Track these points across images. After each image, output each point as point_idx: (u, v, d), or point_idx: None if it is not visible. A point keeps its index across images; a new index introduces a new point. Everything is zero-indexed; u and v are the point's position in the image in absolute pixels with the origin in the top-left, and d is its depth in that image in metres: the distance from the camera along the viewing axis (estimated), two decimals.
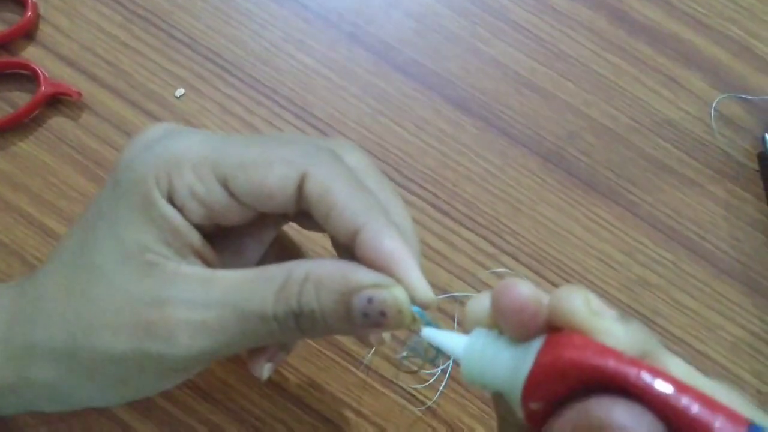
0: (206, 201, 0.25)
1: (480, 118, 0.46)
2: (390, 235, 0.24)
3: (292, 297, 0.24)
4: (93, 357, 0.26)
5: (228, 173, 0.25)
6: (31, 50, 0.44)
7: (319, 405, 0.38)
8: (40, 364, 0.27)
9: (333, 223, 0.25)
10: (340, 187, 0.25)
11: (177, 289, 0.25)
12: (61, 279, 0.27)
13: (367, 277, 0.24)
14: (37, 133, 0.42)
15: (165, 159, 0.25)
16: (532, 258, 0.43)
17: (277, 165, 0.25)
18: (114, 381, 0.27)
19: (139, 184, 0.25)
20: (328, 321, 0.24)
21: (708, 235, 0.44)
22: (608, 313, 0.21)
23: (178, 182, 0.25)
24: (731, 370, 0.41)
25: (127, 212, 0.26)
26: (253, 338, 0.26)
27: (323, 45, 0.46)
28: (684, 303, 0.43)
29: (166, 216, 0.25)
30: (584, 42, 0.49)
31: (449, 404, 0.39)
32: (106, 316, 0.25)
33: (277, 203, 0.25)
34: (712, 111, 0.47)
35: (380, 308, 0.24)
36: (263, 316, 0.24)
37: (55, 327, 0.26)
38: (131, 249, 0.25)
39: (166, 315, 0.25)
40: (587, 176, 0.45)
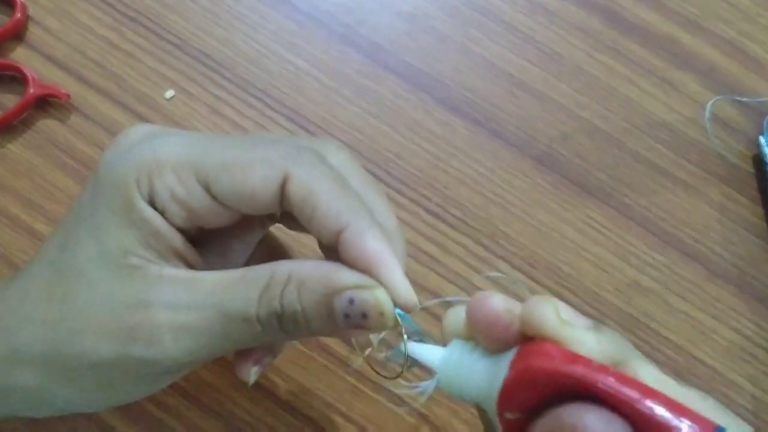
0: (187, 204, 0.25)
1: (471, 120, 0.45)
2: (373, 236, 0.24)
3: (275, 298, 0.24)
4: (75, 363, 0.25)
5: (209, 175, 0.25)
6: (19, 51, 0.44)
7: (308, 410, 0.38)
8: (22, 370, 0.26)
9: (316, 225, 0.25)
10: (322, 188, 0.25)
11: (160, 292, 0.25)
12: (43, 282, 0.27)
13: (349, 278, 0.24)
14: (26, 135, 0.42)
15: (146, 161, 0.25)
16: (525, 261, 0.42)
17: (259, 166, 0.25)
18: (98, 386, 0.27)
19: (120, 187, 0.25)
20: (311, 322, 0.24)
21: (702, 238, 0.44)
22: (579, 322, 0.21)
23: (159, 185, 0.25)
24: (725, 375, 0.41)
25: (108, 215, 0.25)
26: (238, 340, 0.25)
27: (314, 47, 0.46)
28: (677, 306, 0.42)
29: (147, 219, 0.25)
30: (577, 43, 0.48)
31: (441, 409, 0.38)
32: (88, 320, 0.25)
33: (260, 205, 0.25)
34: (706, 113, 0.47)
35: (361, 309, 0.24)
36: (247, 318, 0.24)
37: (36, 332, 0.26)
38: (113, 252, 0.25)
39: (149, 318, 0.24)
40: (580, 178, 0.45)
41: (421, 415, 0.38)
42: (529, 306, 0.22)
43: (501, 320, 0.22)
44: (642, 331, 0.41)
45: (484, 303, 0.22)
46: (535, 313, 0.21)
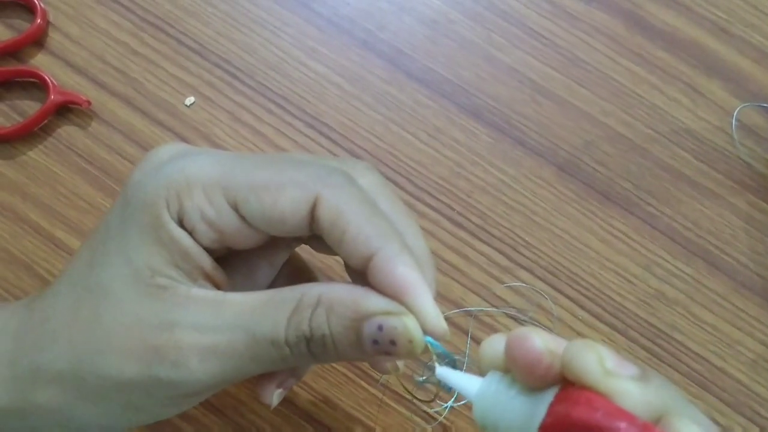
0: (216, 224, 0.25)
1: (494, 127, 0.45)
2: (404, 262, 0.24)
3: (304, 321, 0.24)
4: (99, 383, 0.25)
5: (239, 197, 0.25)
6: (40, 58, 0.43)
7: (331, 421, 0.38)
8: (46, 388, 0.26)
9: (346, 248, 0.24)
10: (353, 211, 0.24)
11: (187, 313, 0.25)
12: (70, 300, 0.26)
13: (379, 304, 0.24)
14: (47, 142, 0.42)
15: (175, 180, 0.25)
16: (548, 271, 0.42)
17: (289, 188, 0.25)
18: (122, 407, 0.26)
19: (149, 206, 0.25)
20: (339, 347, 0.24)
21: (728, 248, 0.43)
22: (625, 371, 0.21)
23: (189, 204, 0.25)
24: (751, 387, 0.40)
25: (136, 234, 0.25)
26: (265, 363, 0.25)
27: (335, 52, 0.46)
28: (703, 318, 0.42)
29: (176, 239, 0.25)
30: (601, 48, 0.47)
31: (463, 421, 0.38)
32: (114, 339, 0.25)
33: (289, 228, 0.25)
34: (733, 120, 0.46)
35: (390, 337, 0.23)
36: (275, 341, 0.24)
37: (61, 350, 0.26)
38: (141, 272, 0.25)
39: (176, 339, 0.24)
40: (604, 187, 0.44)
41: (442, 425, 0.38)
42: (571, 352, 0.21)
43: (542, 361, 0.21)
44: (666, 342, 0.41)
45: (525, 342, 0.21)
46: (578, 361, 0.20)
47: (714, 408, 0.40)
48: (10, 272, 0.39)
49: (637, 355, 0.40)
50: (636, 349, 0.40)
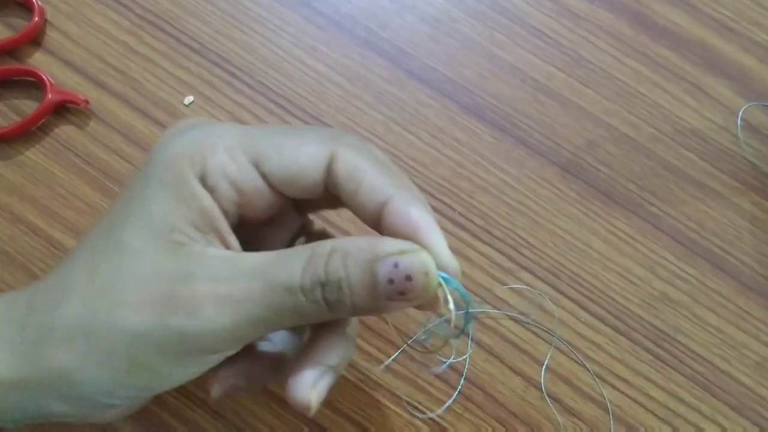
0: (238, 183, 0.26)
1: (496, 127, 0.44)
2: (417, 206, 0.25)
3: (320, 267, 0.24)
4: (111, 335, 0.25)
5: (261, 153, 0.26)
6: (38, 57, 0.43)
7: (329, 423, 0.37)
8: (56, 346, 0.26)
9: (361, 198, 0.26)
10: (367, 165, 0.26)
11: (203, 266, 0.25)
12: (87, 261, 0.26)
13: (394, 245, 0.24)
14: (44, 141, 0.41)
15: (200, 141, 0.26)
16: (550, 273, 0.41)
17: (308, 145, 0.26)
18: (130, 364, 0.25)
19: (173, 164, 0.26)
20: (354, 290, 0.24)
21: (733, 249, 0.43)
22: None
23: (211, 163, 0.26)
24: (756, 391, 0.40)
25: (158, 190, 0.26)
26: (279, 313, 0.25)
27: (336, 51, 0.45)
28: (707, 320, 0.41)
29: (197, 196, 0.25)
30: (605, 47, 0.47)
31: (464, 424, 0.38)
32: (129, 292, 0.25)
33: (307, 182, 0.26)
34: (738, 120, 0.46)
35: (406, 271, 0.24)
36: (290, 287, 0.24)
37: (74, 307, 0.26)
38: (160, 227, 0.25)
39: (191, 288, 0.24)
40: (607, 187, 0.44)
41: (443, 429, 0.38)
42: None
43: None
44: (670, 344, 0.40)
45: None
46: None
47: (718, 411, 0.39)
48: (7, 273, 0.39)
49: (640, 357, 0.40)
50: (639, 351, 0.40)
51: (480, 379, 0.39)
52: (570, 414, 0.38)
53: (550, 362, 0.39)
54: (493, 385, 0.39)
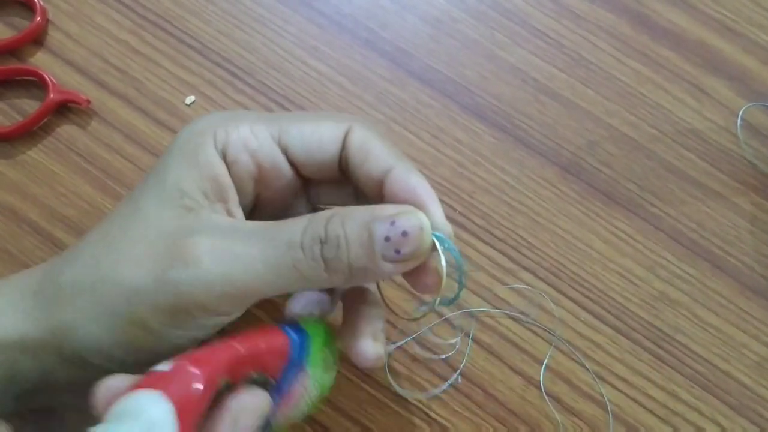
0: (258, 155, 0.28)
1: (497, 127, 0.44)
2: (416, 175, 0.28)
3: (320, 226, 0.26)
4: (112, 290, 0.26)
5: (282, 129, 0.28)
6: (39, 56, 0.43)
7: (330, 422, 0.37)
8: (63, 304, 0.27)
9: (368, 166, 0.28)
10: (376, 139, 0.29)
11: (207, 225, 0.26)
12: (103, 228, 0.28)
13: (392, 208, 0.26)
14: (46, 141, 0.42)
15: (226, 119, 0.28)
16: (550, 273, 0.41)
17: (326, 121, 0.29)
18: (127, 322, 0.26)
19: (196, 135, 0.28)
20: (351, 248, 0.25)
21: (733, 249, 0.43)
22: None
23: (234, 136, 0.27)
24: (755, 391, 0.40)
25: (176, 158, 0.27)
26: (277, 271, 0.25)
27: (337, 51, 0.45)
28: (707, 320, 0.41)
29: (210, 162, 0.27)
30: (606, 48, 0.47)
31: (463, 423, 0.38)
32: (133, 250, 0.26)
33: (325, 156, 0.28)
34: (738, 120, 0.46)
35: (402, 228, 0.25)
36: (290, 243, 0.25)
37: (83, 268, 0.27)
38: (171, 192, 0.27)
39: (192, 242, 0.25)
40: (607, 188, 0.44)
41: (443, 428, 0.38)
42: None
43: None
44: (670, 344, 0.40)
45: None
46: None
47: (718, 411, 0.39)
48: (9, 272, 0.38)
49: (640, 357, 0.40)
50: (639, 351, 0.40)
51: (480, 378, 0.39)
52: (570, 413, 0.39)
53: (550, 361, 0.39)
54: (493, 384, 0.39)
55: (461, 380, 0.39)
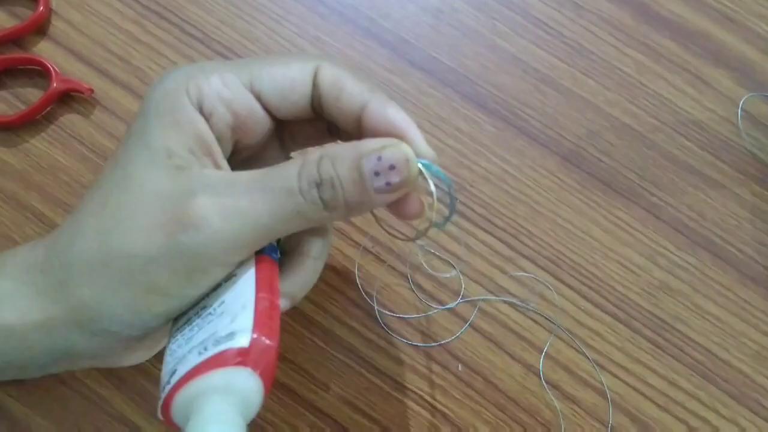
0: (233, 105, 0.28)
1: (498, 117, 0.45)
2: (392, 105, 0.28)
3: (313, 170, 0.26)
4: (125, 263, 0.26)
5: (253, 75, 0.28)
6: (43, 45, 0.43)
7: (330, 409, 0.38)
8: (77, 281, 0.27)
9: (343, 103, 0.28)
10: (347, 74, 0.28)
11: (204, 184, 0.26)
12: (95, 199, 0.28)
13: (375, 143, 0.27)
14: (49, 130, 0.42)
15: (194, 73, 0.28)
16: (550, 261, 0.42)
17: (294, 62, 0.29)
18: (147, 289, 0.27)
19: (170, 94, 0.27)
20: (345, 186, 0.26)
21: (733, 239, 0.43)
22: None
23: (207, 89, 0.27)
24: (754, 379, 0.40)
25: (156, 120, 0.27)
26: (281, 216, 0.26)
27: (338, 40, 0.45)
28: (707, 309, 0.41)
29: (192, 120, 0.27)
30: (606, 38, 0.47)
31: (463, 410, 0.38)
32: (137, 218, 0.26)
33: (297, 96, 0.28)
34: (739, 110, 0.46)
35: (389, 162, 0.26)
36: (290, 190, 0.26)
37: (88, 240, 0.27)
38: (158, 153, 0.26)
39: (197, 204, 0.26)
40: (608, 177, 0.44)
41: (443, 415, 0.38)
42: None
43: None
44: (670, 333, 0.41)
45: None
46: None
47: (718, 400, 0.40)
48: None
49: (640, 346, 0.40)
50: (639, 340, 0.40)
51: (480, 366, 0.39)
52: (569, 401, 0.39)
53: (550, 350, 0.40)
54: (493, 372, 0.39)
55: (461, 368, 0.39)
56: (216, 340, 0.25)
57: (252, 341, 0.24)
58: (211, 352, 0.24)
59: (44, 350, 0.29)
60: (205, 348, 0.25)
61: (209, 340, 0.25)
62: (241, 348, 0.24)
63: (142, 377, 0.37)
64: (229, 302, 0.27)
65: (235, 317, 0.26)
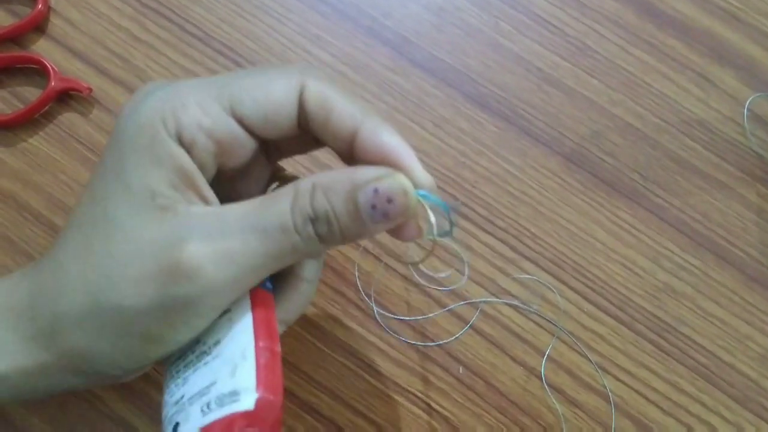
0: (214, 133, 0.26)
1: (500, 117, 0.44)
2: (386, 130, 0.26)
3: (306, 204, 0.25)
4: (118, 316, 0.25)
5: (233, 99, 0.26)
6: (41, 44, 0.43)
7: (330, 412, 0.37)
8: (69, 332, 0.26)
9: (333, 126, 0.26)
10: (335, 94, 0.27)
11: (193, 228, 0.25)
12: (79, 241, 0.26)
13: (370, 173, 0.25)
14: (48, 129, 0.41)
15: (169, 99, 0.26)
16: (553, 263, 0.41)
17: (277, 81, 0.27)
18: (142, 339, 0.26)
19: (145, 127, 0.25)
20: (341, 221, 0.25)
21: (738, 241, 0.43)
22: None
23: (185, 119, 0.25)
24: (759, 383, 0.40)
25: (133, 157, 0.25)
26: (277, 255, 0.26)
27: (340, 40, 0.45)
28: (711, 312, 0.41)
29: (174, 155, 0.25)
30: (610, 36, 0.47)
31: (464, 413, 0.38)
32: (126, 269, 0.25)
33: (282, 118, 0.27)
34: (744, 111, 0.45)
35: (386, 195, 0.25)
36: (284, 229, 0.25)
37: (77, 292, 0.26)
38: (140, 195, 0.25)
39: (188, 253, 0.24)
40: (611, 178, 0.43)
41: (444, 418, 0.37)
42: None
43: None
44: (673, 336, 0.40)
45: None
46: None
47: (721, 404, 0.39)
48: (10, 259, 0.39)
49: (643, 349, 0.40)
50: (642, 342, 0.40)
51: (481, 369, 0.39)
52: (572, 404, 0.38)
53: (552, 352, 0.39)
54: (495, 375, 0.39)
55: (462, 370, 0.39)
56: (219, 399, 0.25)
57: (257, 402, 0.24)
58: (215, 414, 0.24)
59: (41, 390, 0.28)
60: (209, 407, 0.25)
61: (212, 396, 0.25)
62: (246, 411, 0.24)
63: (142, 381, 0.37)
64: (227, 346, 0.26)
65: (235, 369, 0.25)
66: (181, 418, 0.25)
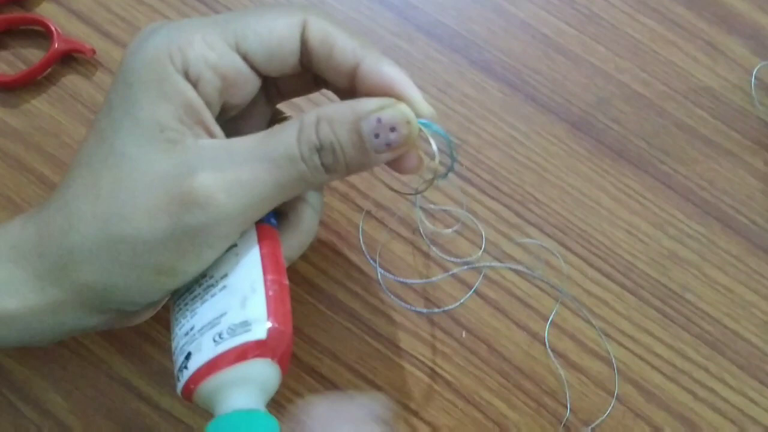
0: (220, 68, 0.26)
1: (506, 83, 0.44)
2: (387, 62, 0.27)
3: (312, 135, 0.26)
4: (132, 247, 0.25)
5: (237, 35, 0.26)
6: (45, 6, 0.43)
7: (332, 375, 0.37)
8: (80, 267, 0.26)
9: (335, 61, 0.27)
10: (337, 30, 0.27)
11: (203, 158, 0.25)
12: (86, 178, 0.26)
13: (372, 103, 0.26)
14: (51, 90, 0.41)
15: (175, 36, 0.26)
16: (558, 229, 0.41)
17: (280, 18, 0.27)
18: (155, 270, 0.26)
19: (153, 63, 0.26)
20: (346, 150, 0.26)
21: (744, 208, 0.42)
22: None
23: (192, 54, 0.26)
24: (764, 351, 0.39)
25: (141, 92, 0.26)
26: (286, 184, 0.26)
27: (344, 4, 0.45)
28: (716, 279, 0.41)
29: (181, 90, 0.26)
30: (618, 3, 0.46)
31: (467, 378, 0.38)
32: (138, 201, 0.25)
33: (285, 53, 0.27)
34: (752, 79, 0.45)
35: (389, 124, 0.26)
36: (292, 158, 0.26)
37: (88, 226, 0.26)
38: (149, 128, 0.25)
39: (198, 182, 0.25)
40: (617, 145, 0.43)
41: (446, 382, 0.37)
42: None
43: None
44: (678, 303, 0.40)
45: None
46: None
47: (726, 371, 0.39)
48: None
49: (647, 315, 0.39)
50: (646, 309, 0.40)
51: (484, 333, 0.38)
52: (575, 370, 0.38)
53: (556, 318, 0.39)
54: (498, 340, 0.38)
55: (465, 335, 0.38)
56: (231, 329, 0.25)
57: (269, 332, 0.25)
58: (228, 343, 0.25)
59: (50, 330, 0.28)
60: (221, 336, 0.25)
61: (223, 326, 0.25)
62: (258, 340, 0.25)
63: (141, 339, 0.36)
64: (235, 278, 0.27)
65: (245, 301, 0.26)
66: (192, 348, 0.26)
